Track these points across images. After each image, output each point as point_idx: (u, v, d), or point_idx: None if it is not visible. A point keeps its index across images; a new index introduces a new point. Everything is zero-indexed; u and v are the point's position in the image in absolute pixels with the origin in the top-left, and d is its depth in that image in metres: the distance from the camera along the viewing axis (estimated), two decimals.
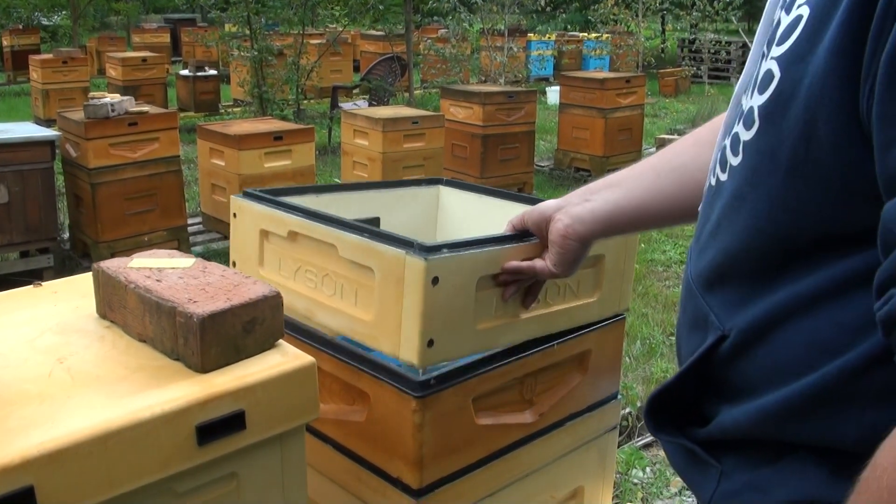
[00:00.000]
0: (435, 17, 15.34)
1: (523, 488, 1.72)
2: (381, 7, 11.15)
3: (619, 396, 1.97)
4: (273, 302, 1.32)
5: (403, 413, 1.51)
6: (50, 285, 1.66)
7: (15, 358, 1.32)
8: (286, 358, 1.31)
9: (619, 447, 3.40)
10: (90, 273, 1.52)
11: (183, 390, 1.21)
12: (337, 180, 7.58)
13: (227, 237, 5.97)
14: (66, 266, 5.48)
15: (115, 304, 1.43)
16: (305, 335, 1.68)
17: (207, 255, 5.63)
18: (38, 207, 5.11)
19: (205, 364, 1.25)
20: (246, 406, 1.24)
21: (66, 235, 5.84)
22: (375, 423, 1.58)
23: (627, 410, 3.66)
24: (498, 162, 7.23)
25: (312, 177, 6.17)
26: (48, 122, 9.24)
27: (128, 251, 3.15)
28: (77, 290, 1.61)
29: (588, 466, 1.89)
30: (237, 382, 1.24)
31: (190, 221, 6.04)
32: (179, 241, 5.63)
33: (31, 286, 1.65)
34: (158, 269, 1.43)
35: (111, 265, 1.46)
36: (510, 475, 1.68)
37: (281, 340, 1.35)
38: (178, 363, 1.29)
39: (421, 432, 1.50)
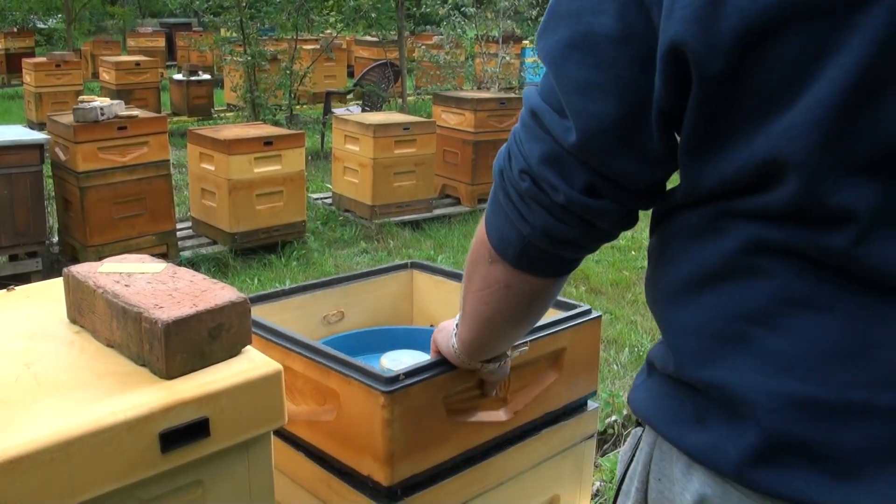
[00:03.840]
0: (429, 24, 15.33)
1: (497, 496, 1.71)
2: (373, 15, 11.16)
3: (597, 403, 1.96)
4: (240, 308, 1.31)
5: (373, 409, 1.50)
6: (23, 290, 1.65)
7: None
8: (253, 365, 1.30)
9: (605, 455, 3.40)
10: (62, 278, 1.51)
11: (147, 397, 1.20)
12: (328, 185, 7.57)
13: (216, 242, 5.96)
14: (54, 270, 5.46)
15: (84, 308, 1.42)
16: (275, 335, 1.68)
17: (196, 260, 5.62)
18: (26, 211, 5.10)
19: (169, 370, 1.24)
20: (210, 413, 1.23)
21: (55, 239, 5.83)
22: (346, 422, 1.57)
23: (614, 418, 3.65)
24: (489, 168, 7.19)
25: (303, 182, 6.17)
26: (41, 126, 9.22)
27: (116, 255, 3.11)
28: (49, 295, 1.60)
29: (564, 475, 1.89)
30: (201, 389, 1.23)
31: (179, 226, 6.03)
32: (168, 245, 5.62)
33: (5, 290, 1.65)
34: (128, 273, 1.42)
35: (81, 270, 1.46)
36: (483, 483, 1.68)
37: (248, 346, 1.35)
38: (144, 369, 1.28)
39: (390, 428, 1.49)
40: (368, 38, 15.19)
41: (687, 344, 0.96)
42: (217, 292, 1.33)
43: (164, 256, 5.17)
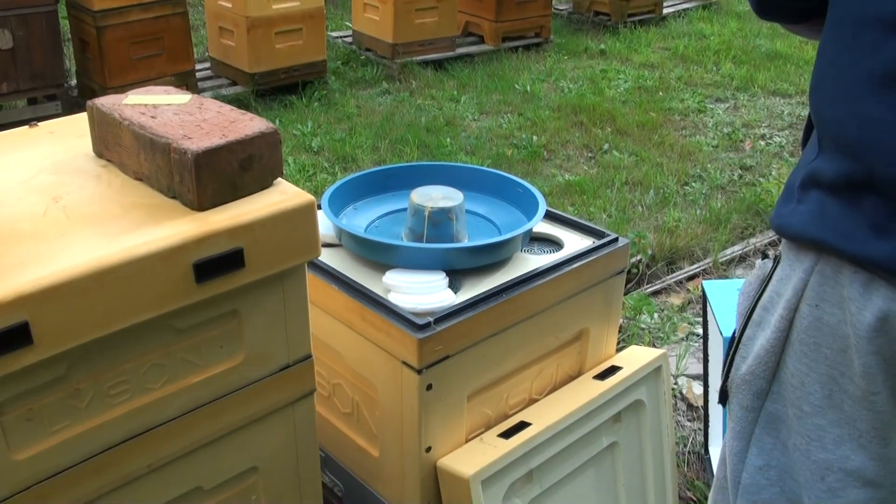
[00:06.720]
0: None
1: (528, 328, 1.72)
2: None
3: (627, 239, 1.94)
4: (270, 139, 1.28)
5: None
6: (46, 125, 1.63)
7: (10, 198, 1.30)
8: (285, 196, 1.28)
9: (628, 293, 3.41)
10: (86, 112, 1.48)
11: (178, 228, 1.19)
12: (348, 24, 7.40)
13: (236, 83, 5.87)
14: (74, 113, 5.41)
15: (110, 142, 1.39)
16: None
17: None
18: (43, 53, 5.01)
19: (201, 202, 1.22)
20: (244, 244, 1.22)
21: (74, 82, 5.75)
22: None
23: (639, 258, 3.65)
24: (514, 5, 6.99)
25: (322, 19, 6.01)
26: None
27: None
28: (74, 130, 1.58)
29: (594, 309, 1.89)
30: (234, 220, 1.21)
31: (198, 66, 5.93)
32: (188, 86, 5.52)
33: (27, 127, 1.62)
34: (154, 105, 1.39)
35: (106, 102, 1.42)
36: (516, 315, 1.68)
37: (280, 178, 1.32)
38: (175, 201, 1.26)
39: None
40: None
41: (876, 138, 0.93)
42: (246, 123, 1.29)
43: None
